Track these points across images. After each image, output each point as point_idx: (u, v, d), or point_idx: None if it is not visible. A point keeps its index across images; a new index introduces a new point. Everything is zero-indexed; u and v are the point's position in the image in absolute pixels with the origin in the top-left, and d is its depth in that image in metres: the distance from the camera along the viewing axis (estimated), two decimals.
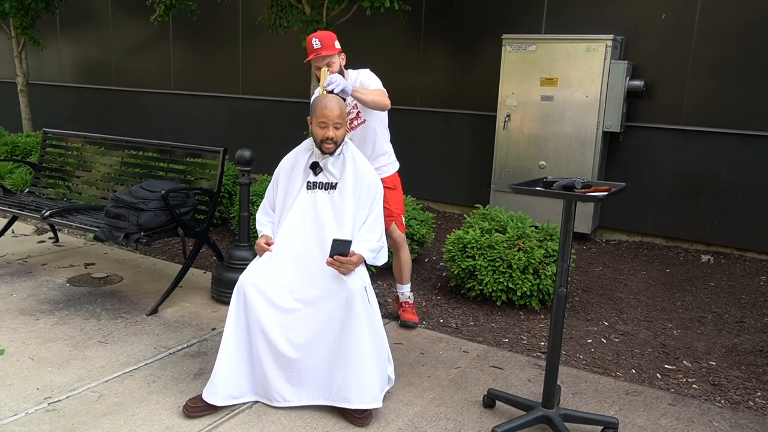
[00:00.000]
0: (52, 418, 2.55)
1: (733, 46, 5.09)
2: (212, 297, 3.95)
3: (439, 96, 6.56)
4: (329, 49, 3.08)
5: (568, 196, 2.35)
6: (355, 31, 6.77)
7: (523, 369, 3.15)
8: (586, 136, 5.30)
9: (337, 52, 3.14)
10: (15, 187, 6.12)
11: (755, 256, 5.20)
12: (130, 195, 3.62)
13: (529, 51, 5.42)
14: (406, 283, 3.64)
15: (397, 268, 3.60)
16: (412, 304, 3.67)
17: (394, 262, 3.60)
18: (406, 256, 3.57)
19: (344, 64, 3.23)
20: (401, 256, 3.56)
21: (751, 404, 2.88)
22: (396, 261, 3.59)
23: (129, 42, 8.94)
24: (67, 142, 4.88)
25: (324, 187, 2.71)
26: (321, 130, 2.66)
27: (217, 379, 2.59)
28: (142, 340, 3.30)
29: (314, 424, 2.56)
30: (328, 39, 3.10)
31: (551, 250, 3.87)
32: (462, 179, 6.51)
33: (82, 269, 4.43)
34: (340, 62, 3.17)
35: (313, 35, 3.10)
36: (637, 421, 2.69)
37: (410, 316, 3.63)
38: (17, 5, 7.75)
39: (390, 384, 2.80)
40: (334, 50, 3.10)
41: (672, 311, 4.04)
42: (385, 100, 3.12)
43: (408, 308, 3.65)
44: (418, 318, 3.67)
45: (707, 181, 5.31)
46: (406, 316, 3.62)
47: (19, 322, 3.47)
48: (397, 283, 3.66)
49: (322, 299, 2.59)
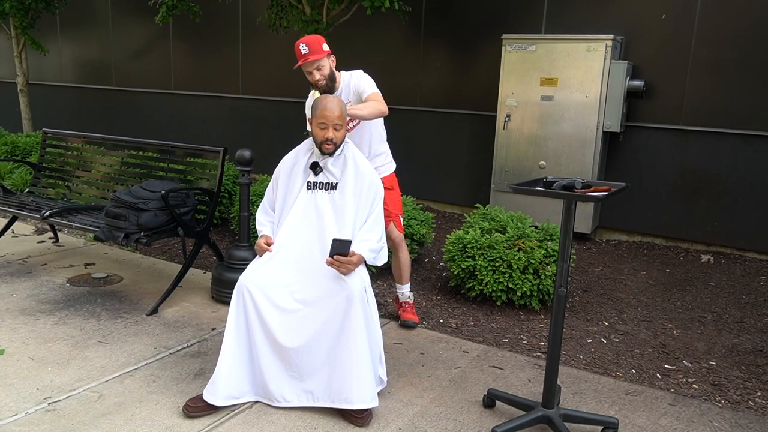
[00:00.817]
0: (52, 418, 2.55)
1: (733, 46, 5.09)
2: (212, 297, 3.95)
3: (439, 96, 6.56)
4: (317, 53, 3.03)
5: (568, 196, 2.35)
6: (355, 31, 6.77)
7: (523, 369, 3.15)
8: (586, 136, 5.30)
9: (326, 55, 3.08)
10: (15, 187, 6.12)
11: (755, 256, 5.20)
12: (130, 195, 3.62)
13: (529, 51, 5.42)
14: (406, 283, 3.64)
15: (396, 269, 3.60)
16: (412, 304, 3.67)
17: (393, 262, 3.60)
18: (405, 256, 3.58)
19: (335, 66, 3.20)
20: (400, 257, 3.56)
21: (751, 404, 2.88)
22: (395, 261, 3.59)
23: (129, 42, 8.94)
24: (67, 142, 4.88)
25: (324, 187, 2.71)
26: (321, 131, 2.66)
27: (218, 380, 2.59)
28: (142, 340, 3.30)
29: (314, 424, 2.56)
30: (315, 43, 3.05)
31: (551, 250, 3.87)
32: (462, 179, 6.51)
33: (82, 269, 4.43)
34: (330, 65, 3.13)
35: (300, 41, 3.05)
36: (637, 421, 2.69)
37: (410, 315, 3.63)
38: (17, 5, 7.75)
39: (383, 385, 2.80)
40: (322, 54, 3.05)
41: (672, 311, 4.04)
42: (382, 108, 3.04)
43: (408, 308, 3.66)
44: (418, 318, 3.67)
45: (707, 181, 5.31)
46: (406, 315, 3.63)
47: (19, 322, 3.48)
48: (397, 284, 3.66)
49: (322, 299, 2.59)
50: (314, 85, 3.09)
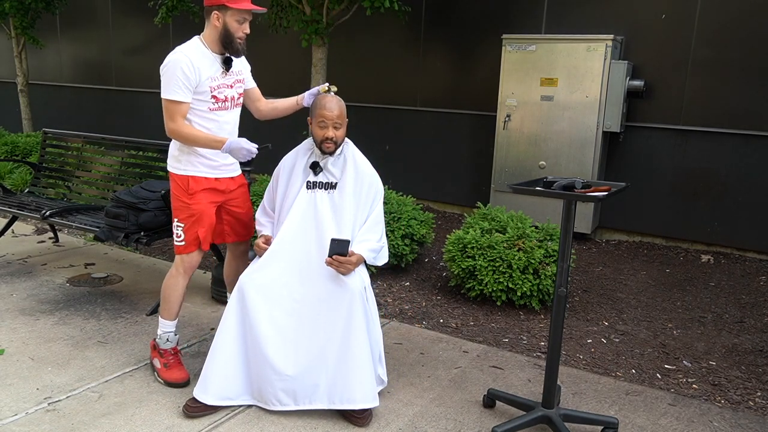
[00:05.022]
0: (52, 418, 2.55)
1: (733, 46, 5.09)
2: (212, 297, 3.95)
3: (439, 96, 6.56)
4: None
5: (568, 196, 2.35)
6: (355, 31, 6.78)
7: (523, 369, 3.15)
8: (586, 136, 5.30)
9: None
10: (15, 187, 6.12)
11: (755, 256, 5.19)
12: (130, 195, 3.62)
13: (529, 51, 5.42)
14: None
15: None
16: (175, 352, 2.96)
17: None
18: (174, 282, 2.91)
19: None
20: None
21: (751, 404, 2.88)
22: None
23: (129, 42, 8.94)
24: (67, 142, 4.88)
25: (324, 186, 2.71)
26: (320, 131, 2.65)
27: (209, 378, 2.59)
28: (142, 340, 3.30)
29: (314, 424, 2.56)
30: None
31: (551, 250, 3.87)
32: (462, 179, 6.51)
33: (82, 269, 4.43)
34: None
35: None
36: (637, 421, 2.69)
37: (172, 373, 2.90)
38: (17, 5, 7.76)
39: (383, 385, 2.80)
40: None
41: (672, 311, 4.04)
42: (168, 124, 2.65)
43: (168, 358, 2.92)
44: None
45: (707, 181, 5.31)
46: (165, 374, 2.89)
47: (19, 322, 3.47)
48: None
49: (321, 299, 2.58)
50: (239, 39, 2.68)
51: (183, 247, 2.82)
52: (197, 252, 2.85)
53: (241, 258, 3.13)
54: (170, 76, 2.60)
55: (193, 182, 2.78)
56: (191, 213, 2.79)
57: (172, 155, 2.82)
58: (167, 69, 2.61)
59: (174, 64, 2.60)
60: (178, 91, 2.61)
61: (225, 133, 2.80)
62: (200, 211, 2.79)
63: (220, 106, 2.76)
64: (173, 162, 2.82)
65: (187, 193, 2.78)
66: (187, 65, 2.60)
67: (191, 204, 2.78)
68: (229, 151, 2.66)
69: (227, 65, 2.75)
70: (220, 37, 2.67)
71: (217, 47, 2.71)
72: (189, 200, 2.78)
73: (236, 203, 2.97)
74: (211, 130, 2.75)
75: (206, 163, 2.79)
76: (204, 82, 2.67)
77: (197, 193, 2.78)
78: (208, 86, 2.69)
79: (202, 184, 2.79)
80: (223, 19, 2.64)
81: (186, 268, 2.86)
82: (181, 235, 2.81)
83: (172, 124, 2.64)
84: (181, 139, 2.68)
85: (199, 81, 2.65)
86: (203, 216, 2.80)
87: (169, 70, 2.61)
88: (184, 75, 2.60)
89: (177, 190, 2.81)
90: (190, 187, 2.78)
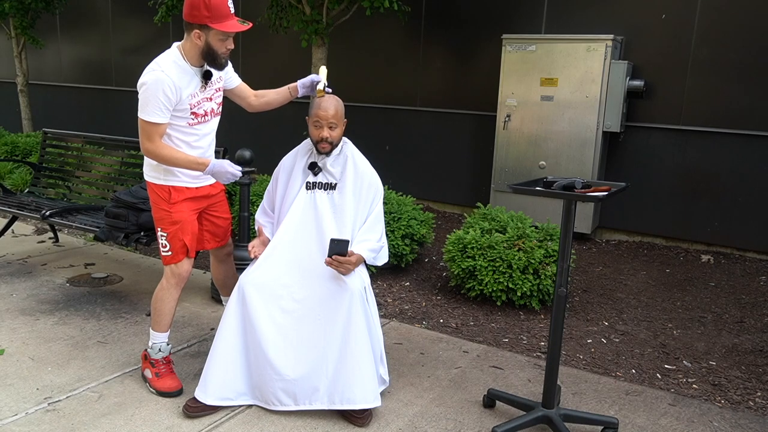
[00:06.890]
0: (52, 418, 2.55)
1: (733, 46, 5.09)
2: (212, 297, 3.95)
3: (439, 96, 6.56)
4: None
5: (568, 196, 2.35)
6: (355, 31, 6.78)
7: (523, 369, 3.15)
8: (586, 136, 5.30)
9: None
10: (15, 187, 6.12)
11: (755, 256, 5.20)
12: (130, 195, 3.62)
13: (529, 51, 5.42)
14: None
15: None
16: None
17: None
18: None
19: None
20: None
21: (751, 404, 2.88)
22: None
23: (129, 42, 8.94)
24: (67, 142, 4.88)
25: (323, 187, 2.71)
26: (316, 131, 2.65)
27: (210, 378, 2.59)
28: (142, 340, 3.30)
29: (314, 424, 2.56)
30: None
31: (551, 250, 3.87)
32: (462, 179, 6.51)
33: (82, 269, 4.43)
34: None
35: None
36: (637, 421, 2.69)
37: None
38: (17, 5, 7.76)
39: (385, 385, 2.80)
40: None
41: (672, 311, 4.04)
42: (145, 144, 2.58)
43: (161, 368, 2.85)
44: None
45: (707, 181, 5.31)
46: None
47: (19, 322, 3.47)
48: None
49: (321, 300, 2.58)
50: (223, 54, 2.61)
51: (171, 257, 2.74)
52: (186, 260, 2.77)
53: (227, 260, 3.10)
54: (150, 97, 2.49)
55: (175, 192, 2.71)
56: (173, 221, 2.71)
57: (149, 164, 2.72)
58: (147, 89, 2.49)
59: (155, 86, 2.48)
60: (158, 113, 2.51)
61: (204, 143, 2.75)
62: (182, 219, 2.73)
63: (200, 121, 2.69)
64: (151, 171, 2.72)
65: (169, 202, 2.71)
66: (169, 86, 2.50)
67: (173, 212, 2.71)
68: (212, 173, 2.62)
69: (207, 78, 2.66)
70: (203, 54, 2.57)
71: (197, 61, 2.60)
72: (170, 209, 2.71)
73: (216, 209, 2.93)
74: (190, 143, 2.69)
75: (188, 173, 2.73)
76: (184, 100, 2.59)
77: (179, 203, 2.72)
78: (188, 104, 2.61)
79: (184, 193, 2.73)
80: (205, 38, 2.54)
81: (177, 279, 2.78)
82: (166, 245, 2.72)
83: (149, 144, 2.55)
84: (160, 159, 2.58)
85: (179, 100, 2.57)
86: (185, 223, 2.74)
87: (148, 90, 2.49)
88: (165, 96, 2.50)
89: (157, 200, 2.73)
90: (172, 197, 2.71)
